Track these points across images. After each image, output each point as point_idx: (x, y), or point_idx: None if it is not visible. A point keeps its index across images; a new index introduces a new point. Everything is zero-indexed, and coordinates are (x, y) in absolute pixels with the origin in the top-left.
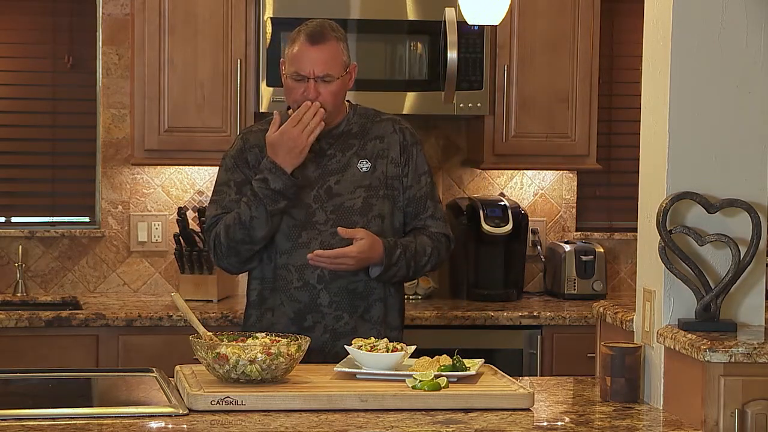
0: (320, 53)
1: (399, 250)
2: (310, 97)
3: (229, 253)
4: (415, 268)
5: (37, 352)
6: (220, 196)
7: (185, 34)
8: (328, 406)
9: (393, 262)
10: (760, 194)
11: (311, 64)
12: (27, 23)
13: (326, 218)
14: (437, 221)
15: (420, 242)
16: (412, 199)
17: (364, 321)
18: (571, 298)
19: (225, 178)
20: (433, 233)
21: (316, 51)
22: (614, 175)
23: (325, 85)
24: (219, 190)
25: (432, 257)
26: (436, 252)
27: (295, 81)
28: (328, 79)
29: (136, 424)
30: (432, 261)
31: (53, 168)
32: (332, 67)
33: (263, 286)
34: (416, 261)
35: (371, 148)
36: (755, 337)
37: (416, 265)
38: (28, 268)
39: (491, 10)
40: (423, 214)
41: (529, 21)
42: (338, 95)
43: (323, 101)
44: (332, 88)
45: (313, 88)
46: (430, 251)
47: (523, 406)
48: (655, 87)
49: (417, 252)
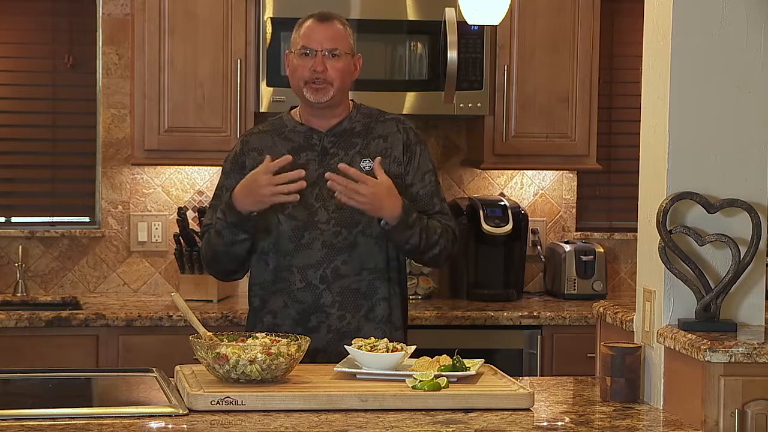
0: (329, 30)
1: (416, 214)
2: (318, 69)
3: (214, 264)
4: (426, 242)
5: (37, 352)
6: (217, 201)
7: (185, 34)
8: (328, 406)
9: (410, 223)
10: (760, 194)
11: (320, 38)
12: (27, 23)
13: (328, 217)
14: (445, 216)
15: (431, 222)
16: (417, 197)
17: (368, 320)
18: (571, 298)
19: (222, 182)
20: (442, 222)
21: (325, 27)
22: (614, 175)
23: (333, 60)
24: (217, 194)
25: (441, 239)
26: (445, 237)
27: (301, 57)
28: (337, 53)
29: (136, 424)
30: (441, 243)
31: (53, 168)
32: (340, 42)
33: (264, 290)
34: (428, 235)
35: (374, 147)
36: (755, 337)
37: (428, 240)
38: (28, 268)
39: (491, 10)
40: (430, 210)
41: (529, 21)
42: (345, 74)
43: (331, 77)
44: (339, 64)
45: (321, 60)
46: (440, 232)
47: (523, 406)
48: (655, 87)
49: (429, 227)
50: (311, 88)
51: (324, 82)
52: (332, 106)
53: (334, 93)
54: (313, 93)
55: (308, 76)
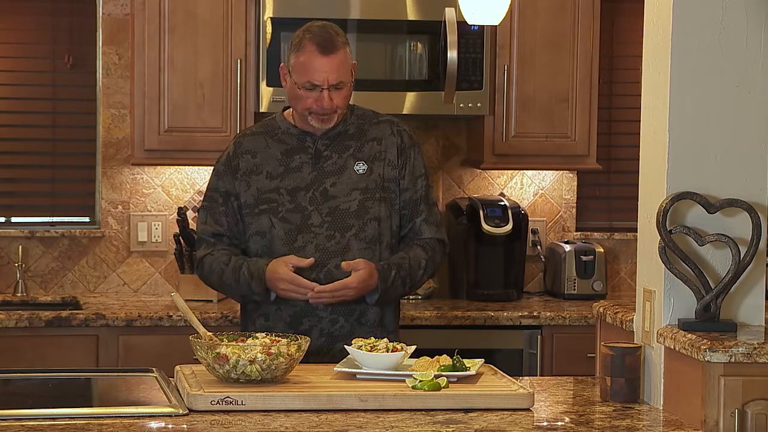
0: (332, 62)
1: (393, 272)
2: (325, 106)
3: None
4: (411, 283)
5: (37, 352)
6: (210, 203)
7: (185, 34)
8: (328, 406)
9: (389, 285)
10: (760, 194)
11: (325, 74)
12: (27, 23)
13: (322, 221)
14: (431, 225)
15: (414, 256)
16: (408, 202)
17: (360, 324)
18: (571, 298)
19: (215, 184)
20: (427, 241)
21: (328, 61)
22: (614, 175)
23: (338, 92)
24: (209, 196)
25: (428, 268)
26: (431, 262)
27: (307, 90)
28: (341, 86)
29: (136, 424)
30: (428, 271)
31: (53, 168)
32: (343, 74)
33: None
34: (412, 277)
35: (368, 150)
36: (755, 337)
37: (412, 281)
38: (28, 268)
39: (491, 10)
40: (417, 217)
41: (529, 21)
42: (348, 99)
43: (337, 106)
44: (344, 93)
45: (328, 97)
46: (425, 264)
47: (523, 406)
48: (655, 87)
49: (412, 267)
50: (317, 118)
51: (330, 113)
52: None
53: (338, 117)
54: (319, 122)
55: (315, 108)
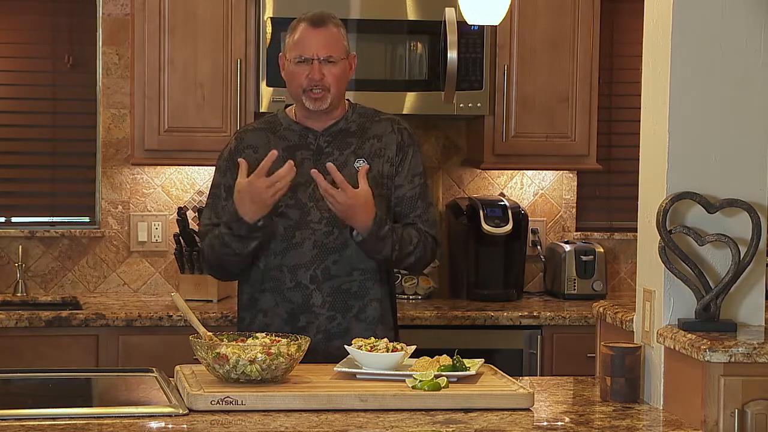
0: (323, 35)
1: (388, 227)
2: (315, 78)
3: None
4: (398, 253)
5: (37, 352)
6: (214, 200)
7: (185, 34)
8: (328, 406)
9: (381, 235)
10: (760, 194)
11: (315, 45)
12: (27, 23)
13: (320, 217)
14: (425, 222)
15: (407, 232)
16: (402, 199)
17: (359, 321)
18: (571, 298)
19: (218, 180)
20: (421, 230)
21: (319, 33)
22: (614, 175)
23: (329, 66)
24: (213, 193)
25: (417, 250)
26: (422, 246)
27: (298, 65)
28: (332, 59)
29: (136, 424)
30: (416, 254)
31: (53, 168)
32: (335, 48)
33: (253, 288)
34: (401, 246)
35: (369, 148)
36: (755, 337)
37: (401, 251)
38: (28, 268)
39: (491, 10)
40: (412, 213)
41: (529, 21)
42: (341, 79)
43: (328, 83)
44: (335, 70)
45: (318, 69)
46: (416, 242)
47: (523, 406)
48: (655, 87)
49: (403, 238)
50: (310, 97)
51: (322, 90)
52: (329, 110)
53: (332, 99)
54: (312, 101)
55: (306, 84)
